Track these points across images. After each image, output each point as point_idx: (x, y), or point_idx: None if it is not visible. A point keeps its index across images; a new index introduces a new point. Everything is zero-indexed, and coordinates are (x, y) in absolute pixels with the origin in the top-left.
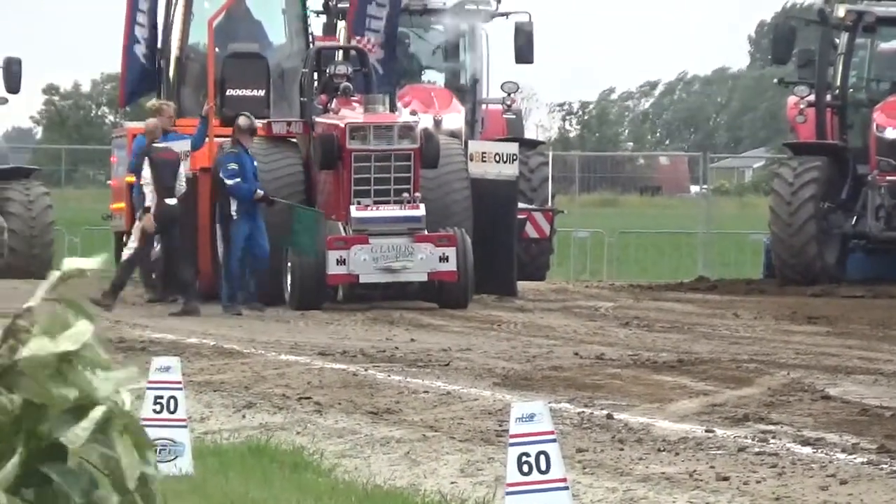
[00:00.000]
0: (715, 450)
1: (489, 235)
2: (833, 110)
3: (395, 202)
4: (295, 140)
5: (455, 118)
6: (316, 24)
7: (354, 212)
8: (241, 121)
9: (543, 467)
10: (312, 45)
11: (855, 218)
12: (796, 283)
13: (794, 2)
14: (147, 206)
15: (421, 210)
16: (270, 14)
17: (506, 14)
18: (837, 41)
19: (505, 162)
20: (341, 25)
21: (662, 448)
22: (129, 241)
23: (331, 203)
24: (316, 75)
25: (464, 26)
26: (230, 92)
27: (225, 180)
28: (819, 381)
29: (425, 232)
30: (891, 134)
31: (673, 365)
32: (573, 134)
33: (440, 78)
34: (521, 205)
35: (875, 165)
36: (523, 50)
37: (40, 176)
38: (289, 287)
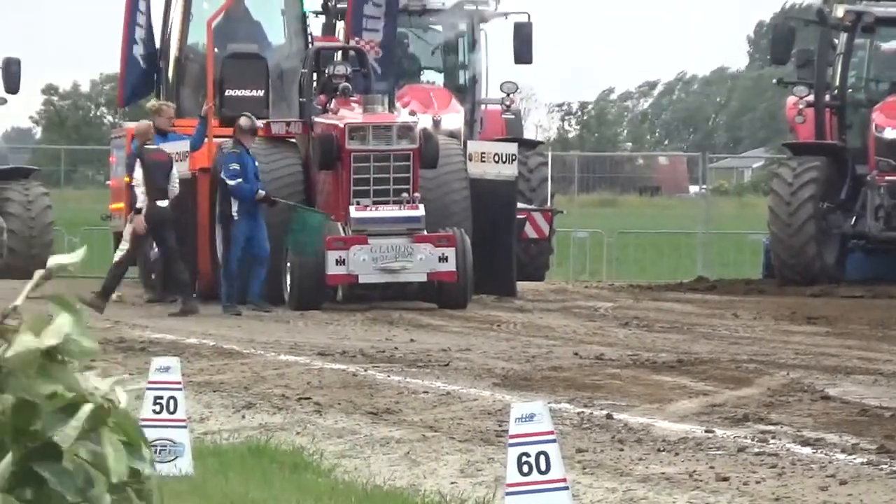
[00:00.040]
0: (715, 450)
1: (488, 236)
2: (832, 110)
3: (395, 202)
4: (294, 140)
5: (454, 118)
6: (315, 25)
7: (354, 212)
8: (243, 121)
9: (543, 467)
10: (311, 46)
11: (854, 218)
12: (796, 284)
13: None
14: (138, 208)
15: (420, 210)
16: (269, 14)
17: (505, 14)
18: (836, 41)
19: (504, 162)
20: (340, 26)
21: (662, 448)
22: (121, 243)
23: (330, 203)
24: (315, 76)
25: (462, 26)
26: (229, 92)
27: (227, 181)
28: (819, 382)
29: (424, 232)
30: (890, 134)
31: (672, 365)
32: (572, 134)
33: (439, 78)
34: (521, 205)
35: (874, 165)
36: (522, 50)
37: (39, 176)
38: (288, 287)
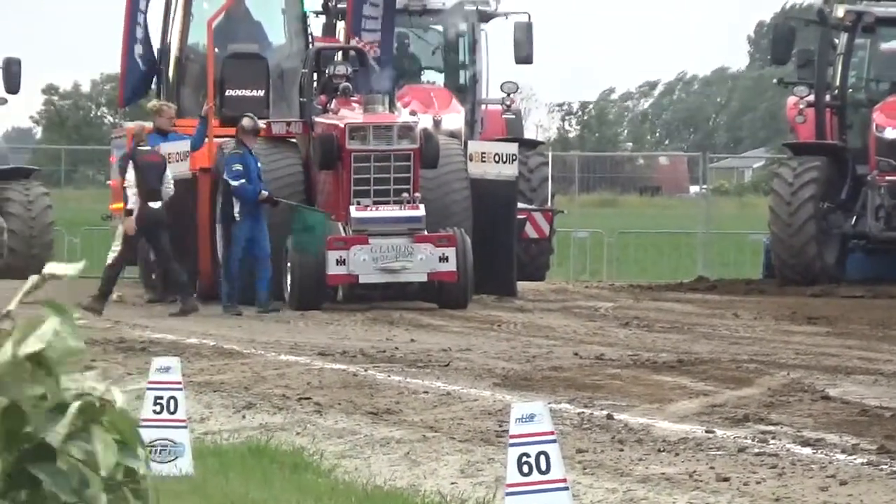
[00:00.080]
0: (715, 450)
1: (489, 236)
2: (832, 110)
3: (395, 202)
4: (294, 140)
5: (454, 118)
6: (315, 25)
7: (354, 212)
8: (245, 122)
9: (543, 468)
10: (312, 46)
11: (854, 218)
12: (796, 284)
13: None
14: (129, 210)
15: (420, 210)
16: (270, 14)
17: (505, 14)
18: (837, 41)
19: (504, 162)
20: (341, 26)
21: (662, 448)
22: (113, 245)
23: (330, 203)
24: (315, 76)
25: (463, 26)
26: (230, 92)
27: (230, 181)
28: (819, 382)
29: (425, 232)
30: (890, 134)
31: (673, 365)
32: (573, 134)
33: (440, 78)
34: (521, 205)
35: (874, 165)
36: (523, 50)
37: (40, 176)
38: (288, 287)
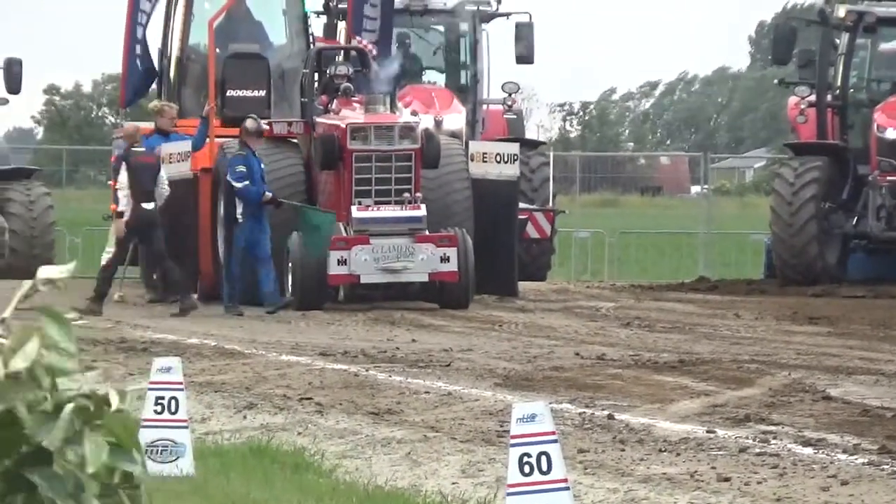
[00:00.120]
0: (716, 450)
1: (490, 236)
2: (834, 111)
3: (396, 202)
4: (296, 140)
5: (456, 118)
6: (316, 25)
7: (355, 212)
8: (249, 123)
9: (545, 468)
10: (313, 46)
11: (856, 218)
12: (797, 284)
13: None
14: (121, 211)
15: (422, 210)
16: (271, 15)
17: (506, 14)
18: (838, 41)
19: (506, 162)
20: (342, 26)
21: (664, 449)
22: (106, 247)
23: (332, 203)
24: (316, 76)
25: (464, 27)
26: (231, 93)
27: (233, 183)
28: (820, 382)
29: (426, 232)
30: (891, 134)
31: (674, 365)
32: (574, 134)
33: (441, 78)
34: (522, 205)
35: (876, 166)
36: (524, 50)
37: (41, 176)
38: (290, 287)
